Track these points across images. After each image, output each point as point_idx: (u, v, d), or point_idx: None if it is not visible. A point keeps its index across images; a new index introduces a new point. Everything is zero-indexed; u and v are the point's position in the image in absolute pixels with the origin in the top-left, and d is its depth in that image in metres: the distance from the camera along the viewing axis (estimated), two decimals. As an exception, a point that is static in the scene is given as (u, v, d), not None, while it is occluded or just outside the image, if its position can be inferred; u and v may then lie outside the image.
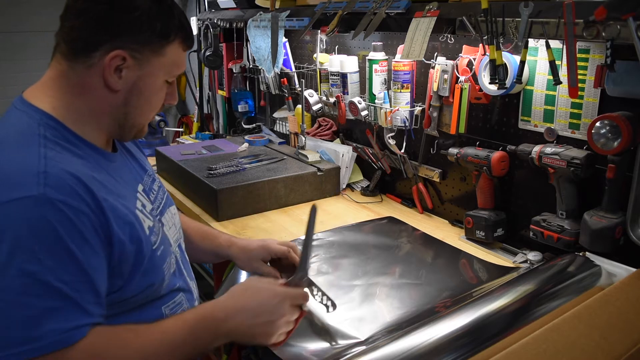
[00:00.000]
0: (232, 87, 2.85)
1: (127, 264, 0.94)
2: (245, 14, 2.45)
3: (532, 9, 1.25)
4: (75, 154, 0.93)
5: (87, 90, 0.95)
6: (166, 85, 1.03)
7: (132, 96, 0.98)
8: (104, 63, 0.93)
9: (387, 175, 2.07)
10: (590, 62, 1.34)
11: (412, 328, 1.09)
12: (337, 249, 1.61)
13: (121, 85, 0.96)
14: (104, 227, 0.89)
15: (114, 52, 0.93)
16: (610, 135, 1.26)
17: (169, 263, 1.06)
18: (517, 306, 1.15)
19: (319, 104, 2.23)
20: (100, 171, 0.95)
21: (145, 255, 0.97)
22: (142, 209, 1.01)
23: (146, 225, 0.99)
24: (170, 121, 3.84)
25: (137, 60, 0.95)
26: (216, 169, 2.00)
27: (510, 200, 1.63)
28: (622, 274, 1.26)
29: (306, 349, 1.13)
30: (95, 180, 0.90)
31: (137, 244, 0.95)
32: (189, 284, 1.16)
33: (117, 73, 0.95)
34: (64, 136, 0.93)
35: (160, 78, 1.00)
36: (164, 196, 1.18)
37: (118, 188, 0.97)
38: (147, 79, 0.98)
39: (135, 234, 0.95)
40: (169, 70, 1.01)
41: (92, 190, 0.88)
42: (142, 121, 1.04)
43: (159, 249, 1.02)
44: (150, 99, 1.01)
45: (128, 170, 1.08)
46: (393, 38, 1.92)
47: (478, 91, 1.59)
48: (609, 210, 1.31)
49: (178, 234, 1.19)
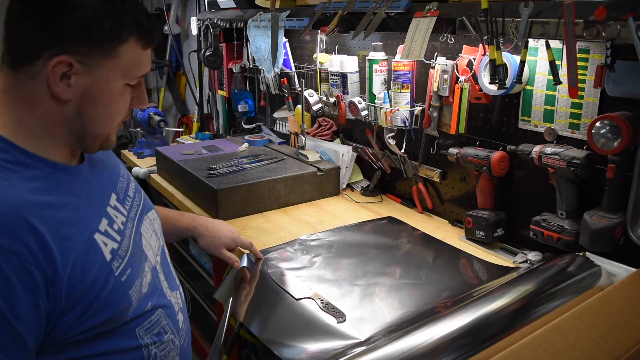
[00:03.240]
0: (232, 87, 2.85)
1: (80, 298, 0.84)
2: (245, 14, 2.45)
3: (532, 9, 1.25)
4: (25, 177, 0.84)
5: (34, 103, 0.86)
6: (128, 89, 0.93)
7: (86, 105, 0.88)
8: (47, 71, 0.83)
9: (387, 175, 2.07)
10: (590, 62, 1.34)
11: (412, 328, 1.09)
12: (337, 249, 1.61)
13: (71, 94, 0.86)
14: (43, 265, 0.79)
15: (57, 59, 0.83)
16: (610, 135, 1.26)
17: (140, 284, 0.96)
18: (517, 306, 1.15)
19: (319, 104, 2.23)
20: (58, 192, 0.87)
21: (104, 284, 0.88)
22: (106, 229, 0.92)
23: (108, 250, 0.90)
24: (170, 121, 3.84)
25: (86, 65, 0.85)
26: (216, 169, 2.00)
27: (510, 200, 1.63)
28: (622, 274, 1.26)
29: (306, 349, 1.14)
30: (46, 207, 0.82)
31: (93, 274, 0.86)
32: (167, 298, 1.06)
33: (65, 81, 0.85)
34: (14, 157, 0.84)
35: (117, 82, 0.89)
36: (140, 201, 1.11)
37: (79, 209, 0.89)
38: (100, 85, 0.88)
39: (89, 264, 0.86)
40: (126, 73, 0.90)
41: (34, 225, 0.79)
42: (104, 131, 0.93)
43: (124, 273, 0.92)
44: (109, 107, 0.91)
45: (98, 182, 0.99)
46: (393, 38, 1.92)
47: (478, 91, 1.59)
48: (609, 210, 1.31)
49: (159, 241, 1.13)
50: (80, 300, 0.84)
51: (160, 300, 1.03)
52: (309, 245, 1.63)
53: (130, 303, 0.93)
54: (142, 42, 0.90)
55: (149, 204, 1.15)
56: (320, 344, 1.15)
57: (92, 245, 0.87)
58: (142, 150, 2.67)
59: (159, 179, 2.31)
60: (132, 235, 0.99)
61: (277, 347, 1.15)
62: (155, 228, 1.13)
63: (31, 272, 0.78)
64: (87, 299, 0.85)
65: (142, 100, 0.97)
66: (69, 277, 0.82)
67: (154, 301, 1.00)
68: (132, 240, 0.98)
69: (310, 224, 1.81)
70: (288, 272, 1.46)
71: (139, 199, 1.10)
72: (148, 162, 2.56)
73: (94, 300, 0.86)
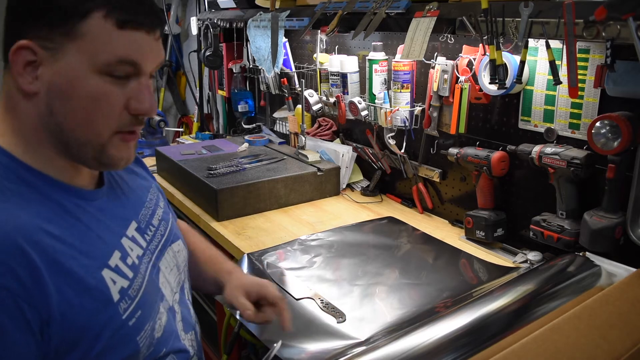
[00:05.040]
0: (232, 87, 2.85)
1: (79, 342, 0.73)
2: (245, 14, 2.45)
3: (532, 9, 1.25)
4: (27, 199, 0.74)
5: (13, 103, 0.76)
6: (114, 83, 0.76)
7: (54, 99, 0.74)
8: (10, 61, 0.73)
9: (387, 175, 2.07)
10: (590, 62, 1.34)
11: (412, 328, 1.09)
12: (337, 249, 1.61)
13: (37, 86, 0.74)
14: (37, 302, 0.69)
15: (16, 45, 0.72)
16: (610, 135, 1.26)
17: (151, 329, 0.84)
18: (517, 306, 1.15)
19: (319, 104, 2.23)
20: (63, 219, 0.76)
21: (105, 327, 0.76)
22: (117, 265, 0.81)
23: (116, 289, 0.78)
24: (170, 121, 3.84)
25: (50, 50, 0.73)
26: (216, 169, 2.00)
27: (510, 200, 1.63)
28: (622, 274, 1.26)
29: (306, 350, 1.14)
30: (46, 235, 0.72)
31: (93, 316, 0.75)
32: (181, 342, 0.94)
33: (33, 72, 0.74)
34: (15, 174, 0.75)
35: (85, 71, 0.74)
36: (166, 230, 0.98)
37: (86, 240, 0.78)
38: (66, 73, 0.74)
39: (90, 304, 0.75)
40: (94, 58, 0.73)
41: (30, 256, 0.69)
42: (87, 136, 0.77)
43: (133, 316, 0.80)
44: (82, 103, 0.75)
45: (117, 208, 0.88)
46: (393, 38, 1.92)
47: (478, 91, 1.59)
48: (609, 210, 1.31)
49: (181, 276, 1.00)
50: (78, 343, 0.73)
51: (175, 344, 0.92)
52: (309, 245, 1.63)
53: (138, 350, 0.81)
54: (112, 19, 0.74)
55: (176, 234, 1.02)
56: (320, 344, 1.15)
57: (97, 283, 0.76)
58: (142, 150, 2.67)
59: (159, 179, 2.31)
60: (147, 271, 0.87)
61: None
62: (179, 262, 0.99)
63: (23, 310, 0.68)
64: (86, 342, 0.74)
65: (140, 100, 0.78)
66: (65, 317, 0.72)
67: (169, 347, 0.90)
68: (146, 277, 0.86)
69: (310, 224, 1.81)
70: (288, 272, 1.46)
71: (164, 228, 0.98)
72: (148, 162, 2.55)
73: (93, 344, 0.75)
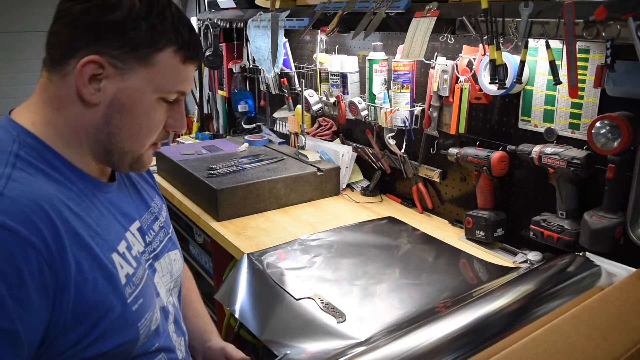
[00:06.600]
0: (232, 87, 2.85)
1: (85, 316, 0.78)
2: (245, 14, 2.45)
3: (532, 9, 1.25)
4: (51, 178, 0.81)
5: (63, 104, 0.83)
6: (164, 106, 0.88)
7: (114, 113, 0.84)
8: (77, 71, 0.81)
9: (387, 175, 2.07)
10: (590, 62, 1.34)
11: (412, 328, 1.09)
12: (337, 249, 1.61)
13: (99, 98, 0.82)
14: (57, 266, 0.74)
15: (87, 58, 0.80)
16: (610, 135, 1.26)
17: (150, 319, 0.89)
18: (517, 306, 1.15)
19: (319, 104, 2.23)
20: (82, 201, 0.83)
21: (114, 309, 0.81)
22: (124, 252, 0.87)
23: (123, 273, 0.84)
24: (170, 121, 3.84)
25: (119, 69, 0.82)
26: (216, 169, 2.00)
27: (510, 200, 1.63)
28: (622, 274, 1.26)
29: (306, 350, 1.14)
30: (68, 210, 0.78)
31: (104, 293, 0.80)
32: (173, 343, 0.99)
33: (95, 84, 0.82)
34: (42, 156, 0.82)
35: (148, 94, 0.85)
36: (164, 238, 1.05)
37: (100, 224, 0.84)
38: (131, 93, 0.83)
39: (102, 281, 0.80)
40: (160, 86, 0.85)
41: (55, 222, 0.75)
42: (133, 147, 0.88)
43: (136, 302, 0.85)
44: (138, 119, 0.86)
45: (123, 205, 0.94)
46: (393, 38, 1.92)
47: (478, 91, 1.59)
48: (609, 210, 1.31)
49: (173, 283, 1.05)
50: (84, 318, 0.78)
51: (166, 342, 0.96)
52: (309, 245, 1.63)
53: (137, 337, 0.86)
54: (181, 55, 0.85)
55: (174, 243, 1.09)
56: (320, 344, 1.15)
57: (108, 263, 0.82)
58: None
59: (159, 179, 2.31)
60: (146, 267, 0.93)
61: (277, 347, 1.15)
62: (173, 270, 1.05)
63: (44, 272, 0.72)
64: (92, 318, 0.78)
65: (178, 122, 0.91)
66: (79, 289, 0.76)
67: (161, 343, 0.94)
68: (146, 271, 0.92)
69: (310, 224, 1.81)
70: (288, 272, 1.46)
71: (163, 235, 1.04)
72: (148, 162, 2.55)
73: (99, 322, 0.79)
